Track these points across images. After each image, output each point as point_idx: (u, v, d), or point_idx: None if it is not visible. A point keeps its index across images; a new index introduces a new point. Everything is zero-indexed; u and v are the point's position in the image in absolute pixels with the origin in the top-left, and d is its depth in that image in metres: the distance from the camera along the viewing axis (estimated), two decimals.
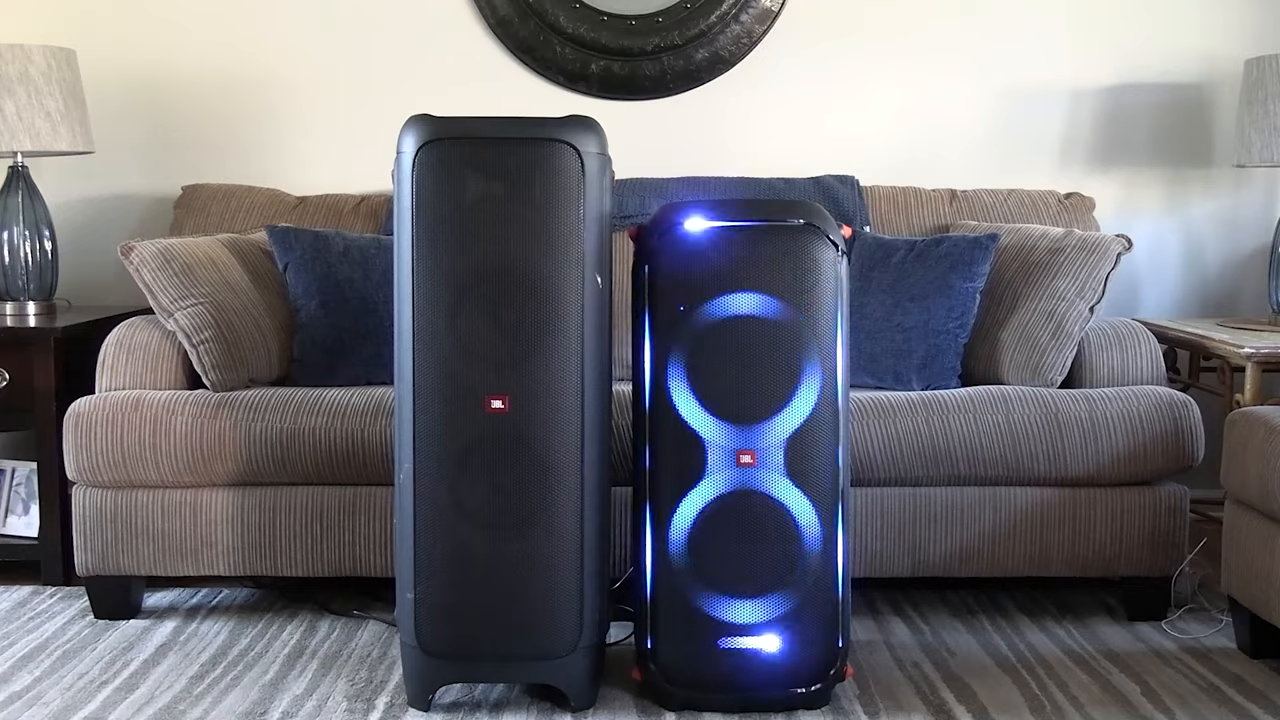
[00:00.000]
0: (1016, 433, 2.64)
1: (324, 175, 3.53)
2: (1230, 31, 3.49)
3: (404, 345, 2.18)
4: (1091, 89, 3.52)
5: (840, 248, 2.23)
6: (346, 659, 2.53)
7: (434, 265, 2.16)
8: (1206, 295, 3.56)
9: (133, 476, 2.67)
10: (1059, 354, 2.80)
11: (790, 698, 2.27)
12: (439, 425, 2.17)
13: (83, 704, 2.31)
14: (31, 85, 3.11)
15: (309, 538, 2.68)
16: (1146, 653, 2.57)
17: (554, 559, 2.20)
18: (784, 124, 3.53)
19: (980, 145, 3.53)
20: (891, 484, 2.67)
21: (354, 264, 2.98)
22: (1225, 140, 3.52)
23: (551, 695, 2.34)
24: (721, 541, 2.23)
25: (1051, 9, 3.50)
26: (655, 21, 3.46)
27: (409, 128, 2.17)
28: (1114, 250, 2.87)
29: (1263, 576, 2.39)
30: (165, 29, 3.49)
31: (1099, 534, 2.68)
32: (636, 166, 3.46)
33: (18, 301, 3.22)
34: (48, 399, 2.96)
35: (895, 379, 2.89)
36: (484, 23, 3.49)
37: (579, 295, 2.18)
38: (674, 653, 2.26)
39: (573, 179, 2.17)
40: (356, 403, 2.68)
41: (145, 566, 2.70)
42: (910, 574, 2.69)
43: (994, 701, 2.33)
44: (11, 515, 3.10)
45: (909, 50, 3.51)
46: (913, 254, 2.97)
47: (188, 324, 2.73)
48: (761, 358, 2.21)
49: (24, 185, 3.24)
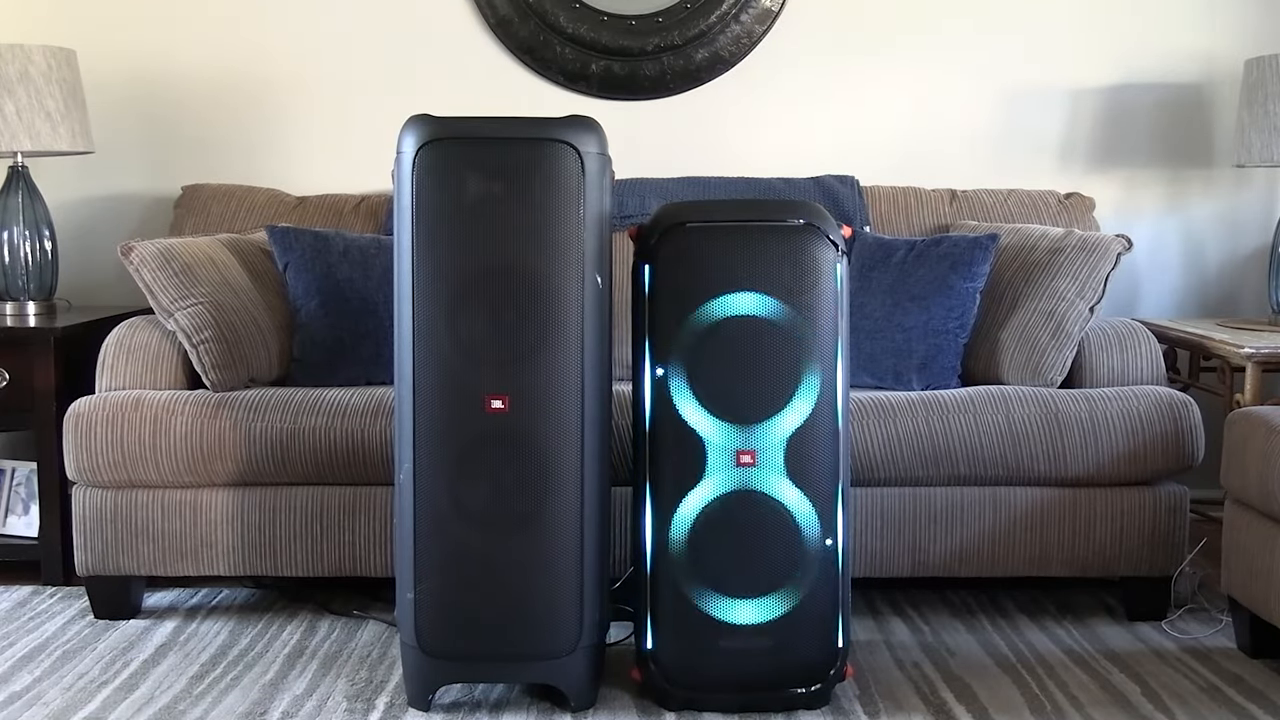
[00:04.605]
0: (1016, 433, 2.64)
1: (324, 175, 3.53)
2: (1230, 31, 3.49)
3: (404, 345, 2.18)
4: (1092, 89, 3.52)
5: (840, 248, 2.23)
6: (346, 659, 2.53)
7: (434, 265, 2.16)
8: (1206, 295, 3.56)
9: (133, 476, 2.67)
10: (1059, 354, 2.80)
11: (790, 698, 2.27)
12: (439, 425, 2.17)
13: (83, 704, 2.31)
14: (31, 85, 3.11)
15: (309, 538, 2.68)
16: (1146, 653, 2.57)
17: (554, 559, 2.20)
18: (784, 124, 3.53)
19: (980, 145, 3.53)
20: (891, 484, 2.67)
21: (354, 264, 2.98)
22: (1225, 140, 3.52)
23: (551, 695, 2.34)
24: (721, 541, 2.23)
25: (1051, 9, 3.50)
26: (655, 21, 3.46)
27: (409, 128, 2.17)
28: (1114, 250, 2.87)
29: (1263, 576, 2.39)
30: (165, 29, 3.49)
31: (1099, 534, 2.68)
32: (636, 166, 3.46)
33: (18, 301, 3.22)
34: (48, 399, 2.96)
35: (895, 379, 2.89)
36: (484, 23, 3.49)
37: (579, 295, 2.18)
38: (674, 653, 2.26)
39: (573, 179, 2.17)
40: (356, 403, 2.68)
41: (145, 566, 2.70)
42: (910, 574, 2.69)
43: (994, 701, 2.33)
44: (11, 515, 3.10)
45: (909, 50, 3.51)
46: (913, 254, 2.97)
47: (188, 324, 2.73)
48: (761, 358, 2.21)
49: (24, 185, 3.24)
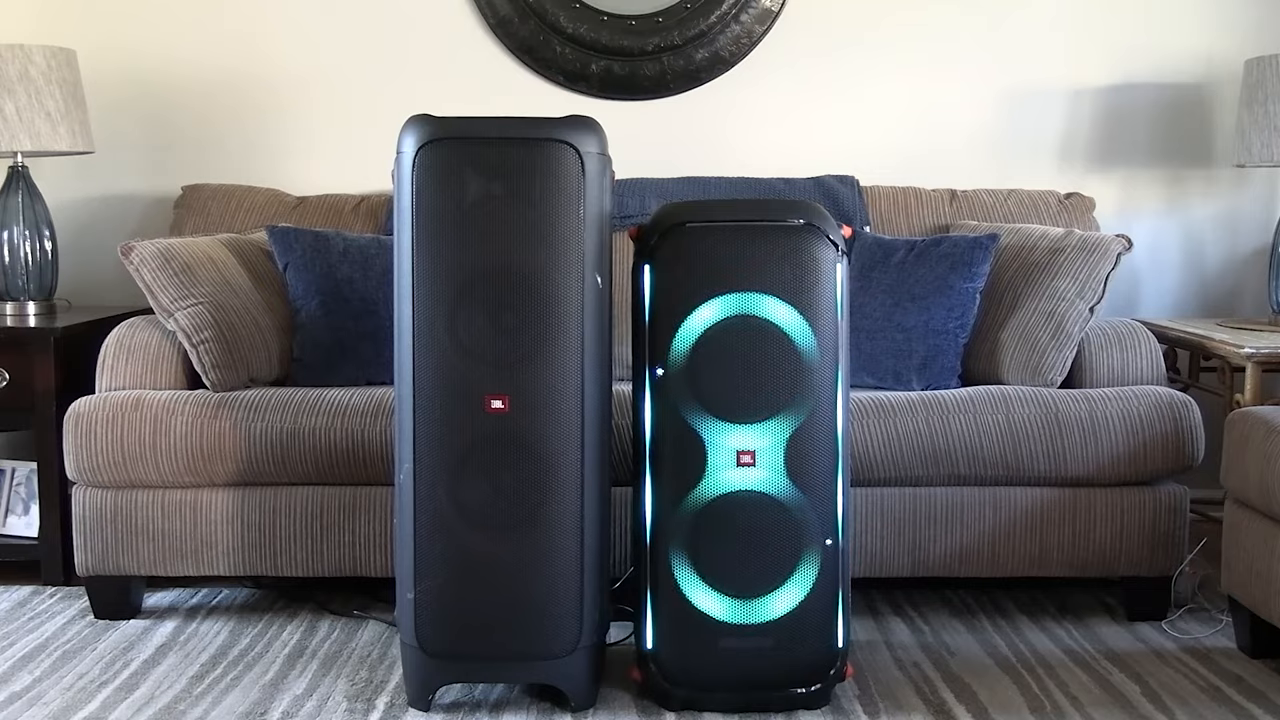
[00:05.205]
0: (1016, 433, 2.64)
1: (324, 175, 3.53)
2: (1230, 31, 3.49)
3: (404, 345, 2.18)
4: (1091, 89, 3.52)
5: (840, 248, 2.23)
6: (346, 659, 2.53)
7: (434, 265, 2.16)
8: (1206, 295, 3.56)
9: (133, 476, 2.67)
10: (1059, 354, 2.80)
11: (790, 698, 2.27)
12: (439, 425, 2.17)
13: (83, 704, 2.31)
14: (31, 85, 3.11)
15: (309, 538, 2.68)
16: (1146, 653, 2.57)
17: (554, 559, 2.20)
18: (784, 124, 3.53)
19: (980, 145, 3.53)
20: (891, 484, 2.67)
21: (354, 264, 2.98)
22: (1225, 140, 3.52)
23: (551, 695, 2.34)
24: (721, 542, 2.23)
25: (1052, 9, 3.50)
26: (655, 21, 3.46)
27: (409, 128, 2.17)
28: (1114, 250, 2.87)
29: (1263, 576, 2.39)
30: (165, 29, 3.49)
31: (1099, 534, 2.68)
32: (636, 166, 3.46)
33: (18, 301, 3.22)
34: (48, 399, 2.96)
35: (895, 379, 2.89)
36: (484, 23, 3.49)
37: (579, 295, 2.18)
38: (674, 653, 2.26)
39: (573, 179, 2.17)
40: (356, 403, 2.68)
41: (145, 566, 2.70)
42: (910, 574, 2.69)
43: (994, 701, 2.33)
44: (11, 515, 3.10)
45: (909, 50, 3.51)
46: (913, 254, 2.97)
47: (188, 324, 2.73)
48: (762, 358, 2.21)
49: (24, 185, 3.24)
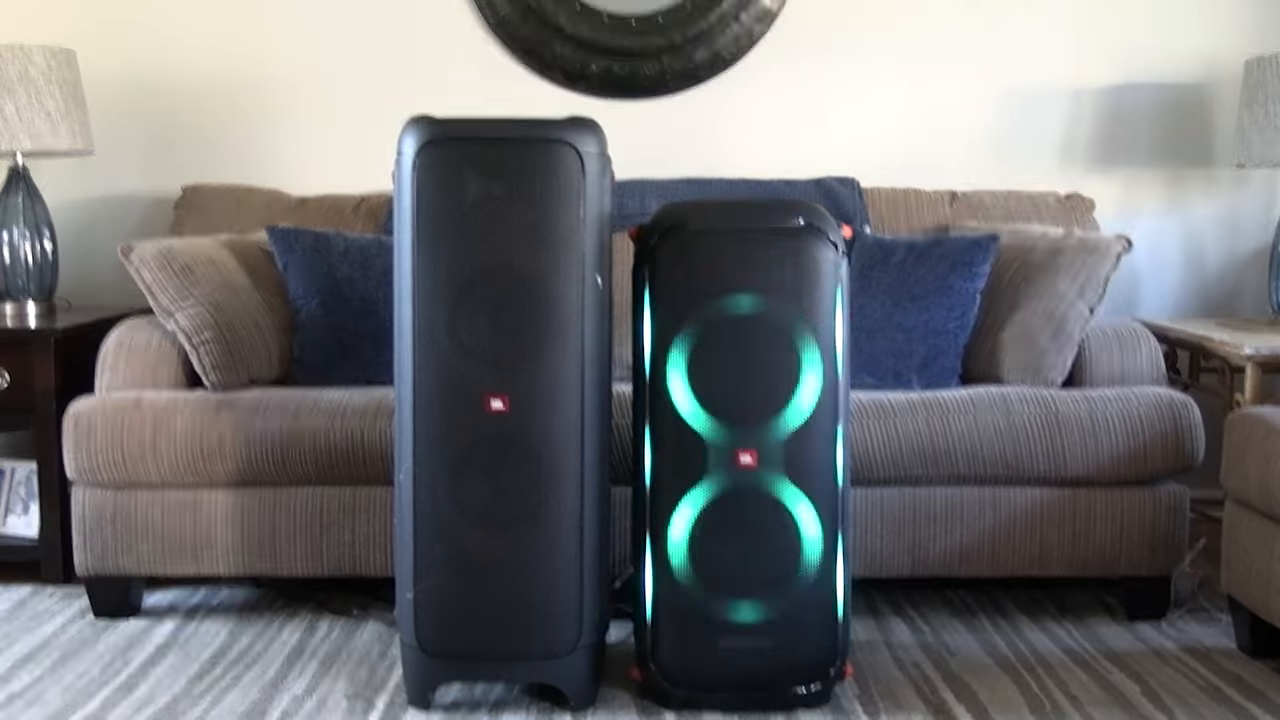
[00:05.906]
0: (1016, 433, 2.64)
1: (324, 175, 3.53)
2: (1230, 31, 3.49)
3: (404, 345, 2.19)
4: (1092, 89, 3.52)
5: (840, 248, 2.23)
6: (346, 659, 2.53)
7: (434, 265, 2.16)
8: (1206, 295, 3.56)
9: (133, 476, 2.67)
10: (1059, 354, 2.80)
11: (790, 697, 2.27)
12: (439, 425, 2.17)
13: (83, 704, 2.31)
14: (31, 85, 3.11)
15: (309, 538, 2.68)
16: (1146, 652, 2.57)
17: (554, 559, 2.20)
18: (784, 124, 3.53)
19: (980, 146, 3.53)
20: (891, 484, 2.67)
21: (354, 264, 2.98)
22: (1225, 140, 3.52)
23: (551, 695, 2.34)
24: (721, 541, 2.23)
25: (1052, 9, 3.50)
26: (655, 22, 3.46)
27: (409, 129, 2.17)
28: (1114, 250, 2.87)
29: (1263, 576, 2.40)
30: (165, 29, 3.49)
31: (1099, 534, 2.68)
32: (636, 166, 3.46)
33: (18, 302, 3.22)
34: (48, 399, 2.95)
35: (895, 379, 2.89)
36: (484, 23, 3.49)
37: (579, 295, 2.18)
38: (674, 653, 2.26)
39: (573, 179, 2.17)
40: (356, 403, 2.68)
41: (145, 566, 2.70)
42: (910, 574, 2.69)
43: (994, 701, 2.33)
44: (11, 515, 3.10)
45: (909, 50, 3.51)
46: (913, 254, 2.97)
47: (188, 324, 2.73)
48: (762, 358, 2.21)
49: (24, 185, 3.24)
